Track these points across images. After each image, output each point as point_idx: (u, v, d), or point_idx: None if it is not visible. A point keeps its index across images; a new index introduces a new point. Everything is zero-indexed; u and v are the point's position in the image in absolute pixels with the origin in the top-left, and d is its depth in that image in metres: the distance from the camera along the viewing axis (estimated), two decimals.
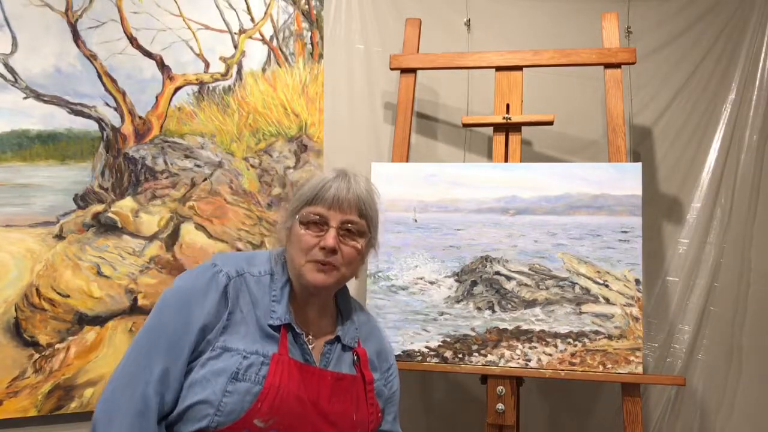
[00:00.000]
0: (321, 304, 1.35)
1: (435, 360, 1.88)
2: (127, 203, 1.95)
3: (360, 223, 1.30)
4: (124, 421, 1.15)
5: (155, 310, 1.24)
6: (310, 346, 1.29)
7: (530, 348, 1.84)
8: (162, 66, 2.01)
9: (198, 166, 2.03)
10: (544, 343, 1.84)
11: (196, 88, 2.05)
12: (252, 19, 2.13)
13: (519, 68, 2.04)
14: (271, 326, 1.25)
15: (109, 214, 1.92)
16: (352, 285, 1.43)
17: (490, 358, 1.85)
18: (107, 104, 1.94)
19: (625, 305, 1.82)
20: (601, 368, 1.80)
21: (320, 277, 1.27)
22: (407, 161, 2.06)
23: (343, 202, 1.27)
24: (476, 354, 1.86)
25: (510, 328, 1.86)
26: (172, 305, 1.23)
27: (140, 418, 1.15)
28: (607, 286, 1.84)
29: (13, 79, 1.84)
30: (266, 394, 1.18)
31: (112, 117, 1.95)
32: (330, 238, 1.25)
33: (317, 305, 1.34)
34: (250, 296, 1.26)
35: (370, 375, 1.36)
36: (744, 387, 2.24)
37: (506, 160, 2.00)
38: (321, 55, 2.22)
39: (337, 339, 1.34)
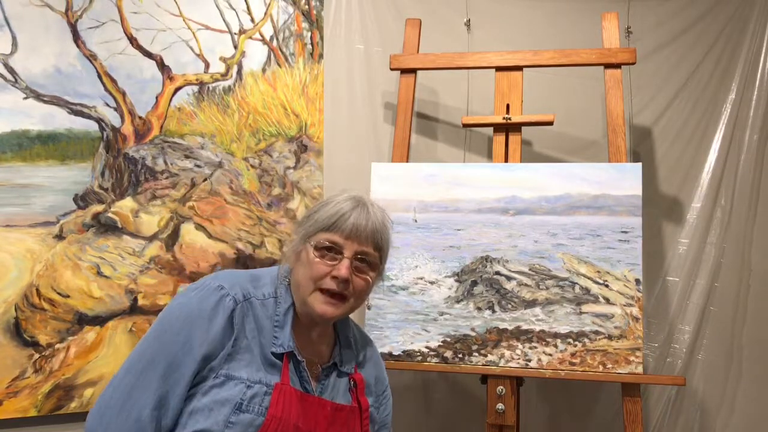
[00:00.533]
0: (322, 330, 1.33)
1: (435, 360, 1.88)
2: (127, 203, 1.95)
3: (374, 255, 1.27)
4: None
5: (157, 327, 1.20)
6: (308, 373, 1.27)
7: (530, 348, 1.84)
8: (162, 66, 2.01)
9: (198, 166, 2.03)
10: (544, 343, 1.84)
11: (196, 88, 2.05)
12: (252, 20, 2.13)
13: (519, 68, 2.04)
14: (273, 354, 1.22)
15: (109, 215, 1.92)
16: None
17: (490, 358, 1.85)
18: (107, 104, 1.94)
19: (625, 305, 1.82)
20: (601, 368, 1.80)
21: (328, 309, 1.24)
22: (407, 161, 2.06)
23: (362, 233, 1.24)
24: (476, 354, 1.86)
25: (510, 328, 1.86)
26: (174, 326, 1.18)
27: None
28: (607, 286, 1.84)
29: (13, 79, 1.84)
30: (268, 425, 1.16)
31: (112, 117, 1.95)
32: (343, 268, 1.22)
33: (318, 331, 1.32)
34: (255, 322, 1.23)
35: (366, 402, 1.34)
36: (744, 387, 2.24)
37: (506, 160, 2.00)
38: (321, 55, 2.22)
39: (334, 365, 1.33)
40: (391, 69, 2.11)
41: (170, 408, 1.14)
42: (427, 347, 1.89)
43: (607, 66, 2.01)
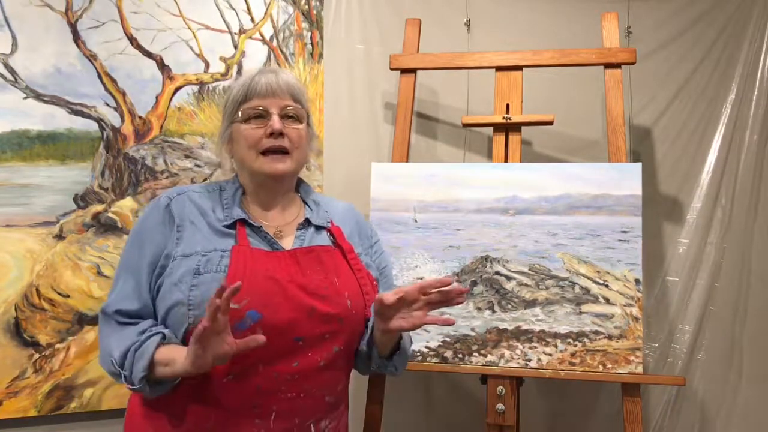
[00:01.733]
0: (284, 199, 1.38)
1: (435, 360, 1.88)
2: (127, 203, 1.95)
3: (296, 106, 1.33)
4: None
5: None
6: (278, 239, 1.31)
7: (530, 348, 1.84)
8: (162, 66, 2.01)
9: (198, 166, 2.03)
10: (544, 343, 1.84)
11: (196, 88, 2.05)
12: (252, 19, 2.13)
13: (519, 68, 2.04)
14: (226, 226, 1.29)
15: (109, 214, 1.93)
16: None
17: (490, 358, 1.85)
18: (107, 104, 1.94)
19: (625, 305, 1.82)
20: (601, 368, 1.80)
21: (278, 166, 1.30)
22: (407, 161, 2.06)
23: (276, 89, 1.31)
24: (476, 354, 1.86)
25: (510, 328, 1.86)
26: (127, 246, 1.31)
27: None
28: (607, 286, 1.84)
29: (13, 79, 1.84)
30: (232, 278, 1.19)
31: (112, 117, 1.95)
32: (275, 123, 1.29)
33: (280, 201, 1.37)
34: (196, 208, 1.30)
35: (348, 245, 1.38)
36: (744, 387, 2.24)
37: (506, 160, 2.00)
38: (321, 55, 2.22)
39: (308, 222, 1.37)
40: (391, 69, 2.11)
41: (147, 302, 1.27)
42: (427, 347, 1.89)
43: (607, 66, 2.01)
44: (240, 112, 1.31)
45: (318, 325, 1.24)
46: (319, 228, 1.37)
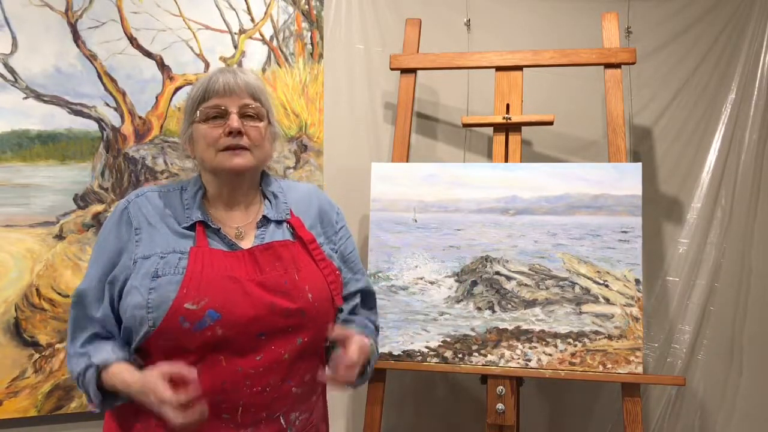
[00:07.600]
0: (246, 196, 1.38)
1: (435, 360, 1.88)
2: None
3: (255, 105, 1.33)
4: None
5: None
6: (240, 239, 1.32)
7: (530, 348, 1.84)
8: (162, 66, 2.01)
9: None
10: (544, 343, 1.84)
11: None
12: (252, 19, 2.13)
13: (519, 68, 2.04)
14: (185, 228, 1.30)
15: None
16: None
17: (490, 358, 1.85)
18: (107, 104, 1.94)
19: (625, 305, 1.82)
20: (601, 368, 1.80)
21: (238, 161, 1.30)
22: (407, 161, 2.06)
23: (234, 88, 1.30)
24: (476, 354, 1.86)
25: (510, 328, 1.86)
26: (92, 259, 1.32)
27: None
28: (607, 286, 1.84)
29: (13, 79, 1.84)
30: (189, 280, 1.21)
31: (112, 117, 1.95)
32: (233, 121, 1.29)
33: (243, 199, 1.37)
34: (154, 210, 1.32)
35: (309, 235, 1.37)
36: (744, 387, 2.24)
37: (506, 160, 2.00)
38: (321, 55, 2.22)
39: (265, 218, 1.36)
40: (391, 69, 2.11)
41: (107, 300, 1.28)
42: (427, 347, 1.89)
43: (607, 66, 2.01)
44: (199, 112, 1.32)
45: (280, 320, 1.25)
46: (279, 222, 1.37)
